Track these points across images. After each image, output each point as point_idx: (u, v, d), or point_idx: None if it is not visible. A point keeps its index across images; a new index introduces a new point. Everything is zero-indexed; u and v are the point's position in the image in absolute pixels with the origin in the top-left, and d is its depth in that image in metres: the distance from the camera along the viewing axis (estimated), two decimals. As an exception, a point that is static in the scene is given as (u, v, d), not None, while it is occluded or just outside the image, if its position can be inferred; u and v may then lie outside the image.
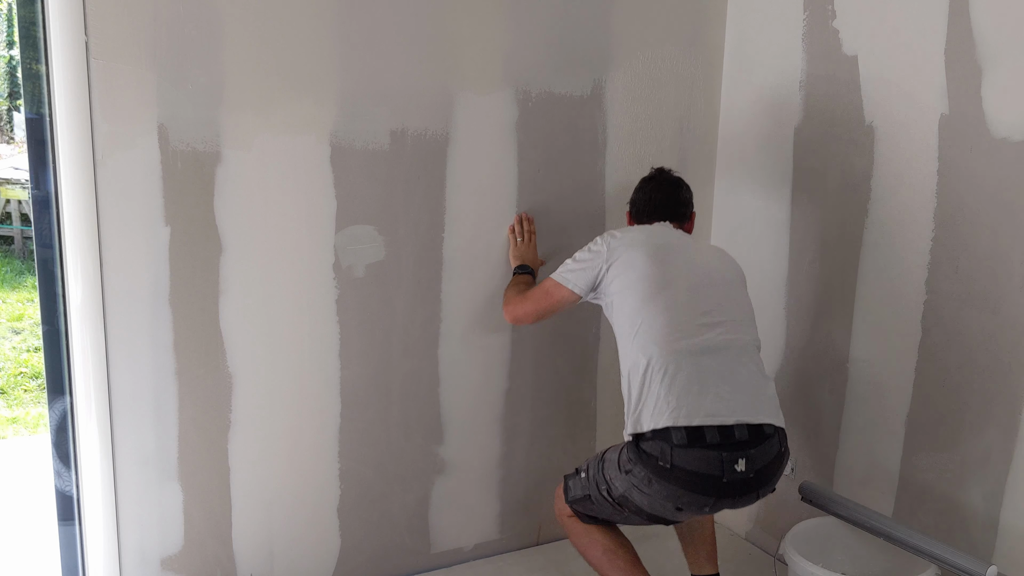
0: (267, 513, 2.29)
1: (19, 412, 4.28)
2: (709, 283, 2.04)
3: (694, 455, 1.84)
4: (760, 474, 1.88)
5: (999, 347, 2.00)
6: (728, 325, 1.97)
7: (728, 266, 2.14)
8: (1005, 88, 1.95)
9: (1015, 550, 2.00)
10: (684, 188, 2.26)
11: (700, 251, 2.15)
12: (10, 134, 8.72)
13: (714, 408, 1.86)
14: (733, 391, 1.89)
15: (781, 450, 1.94)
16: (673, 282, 2.00)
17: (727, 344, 1.95)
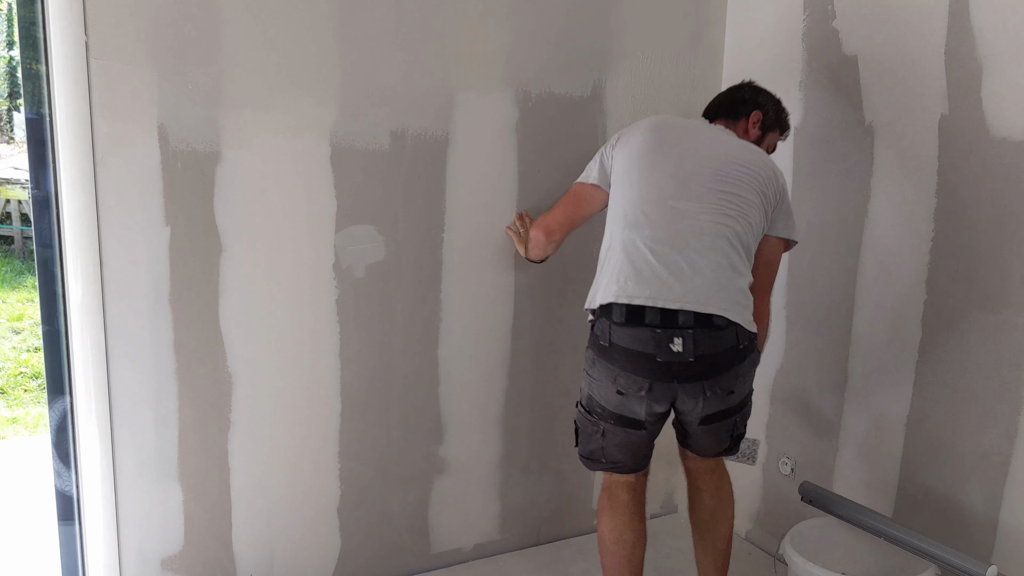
0: (267, 513, 2.29)
1: (19, 412, 4.28)
2: (704, 167, 1.93)
3: (630, 332, 1.84)
4: (704, 361, 1.82)
5: (999, 347, 2.00)
6: (705, 212, 1.88)
7: (749, 161, 1.96)
8: (1005, 88, 1.95)
9: (1015, 550, 2.00)
10: (747, 87, 2.19)
11: (720, 140, 2.01)
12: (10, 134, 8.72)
13: (659, 292, 1.83)
14: (686, 281, 1.83)
15: (739, 346, 1.86)
16: (661, 163, 1.94)
17: (697, 231, 1.86)
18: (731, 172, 1.94)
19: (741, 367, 1.89)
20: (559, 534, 2.75)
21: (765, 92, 2.19)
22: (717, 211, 1.89)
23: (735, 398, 1.94)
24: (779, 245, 2.06)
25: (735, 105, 2.16)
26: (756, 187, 1.95)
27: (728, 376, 1.88)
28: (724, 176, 1.93)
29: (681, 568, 2.56)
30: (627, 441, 1.98)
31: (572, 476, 2.71)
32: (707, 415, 1.93)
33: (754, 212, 1.94)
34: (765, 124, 2.16)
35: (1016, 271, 1.96)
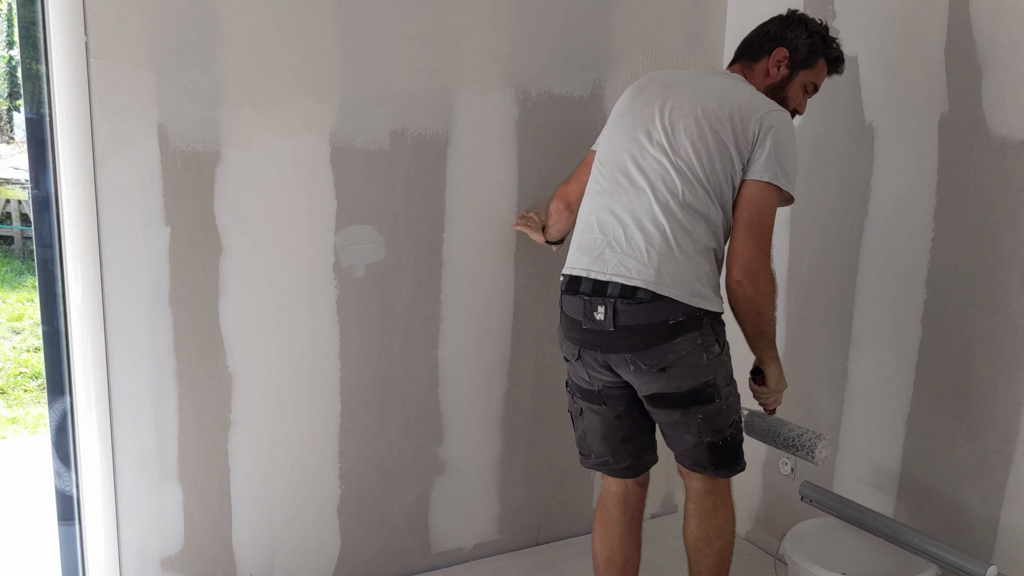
0: (267, 513, 2.29)
1: (19, 412, 4.27)
2: (676, 126, 1.81)
3: (568, 299, 1.88)
4: (625, 332, 1.76)
5: (999, 347, 2.00)
6: (660, 179, 1.78)
7: (726, 105, 1.80)
8: (1005, 88, 1.95)
9: (1015, 550, 2.00)
10: (776, 21, 1.98)
11: (705, 91, 1.85)
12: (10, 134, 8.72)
13: (594, 264, 1.82)
14: (619, 253, 1.78)
15: (669, 321, 1.73)
16: (629, 126, 1.87)
17: (646, 202, 1.78)
18: (701, 126, 1.79)
19: (674, 343, 1.74)
20: (559, 534, 2.75)
21: (798, 23, 1.95)
22: (674, 177, 1.77)
23: (675, 381, 1.78)
24: (758, 188, 1.79)
25: (755, 43, 1.97)
26: (727, 134, 1.78)
27: (655, 352, 1.75)
28: (692, 132, 1.79)
29: (681, 568, 2.56)
30: (599, 424, 1.96)
31: (572, 476, 2.71)
32: (651, 394, 1.83)
33: (721, 165, 1.78)
34: (793, 62, 1.93)
35: (1016, 271, 1.96)
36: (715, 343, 1.80)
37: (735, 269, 1.79)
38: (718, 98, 1.82)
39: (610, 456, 2.00)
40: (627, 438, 1.98)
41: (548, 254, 2.52)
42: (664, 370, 1.78)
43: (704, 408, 1.82)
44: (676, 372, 1.78)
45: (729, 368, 1.87)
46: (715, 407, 1.83)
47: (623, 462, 2.00)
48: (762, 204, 1.80)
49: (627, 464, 2.01)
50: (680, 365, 1.77)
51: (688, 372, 1.78)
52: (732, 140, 1.78)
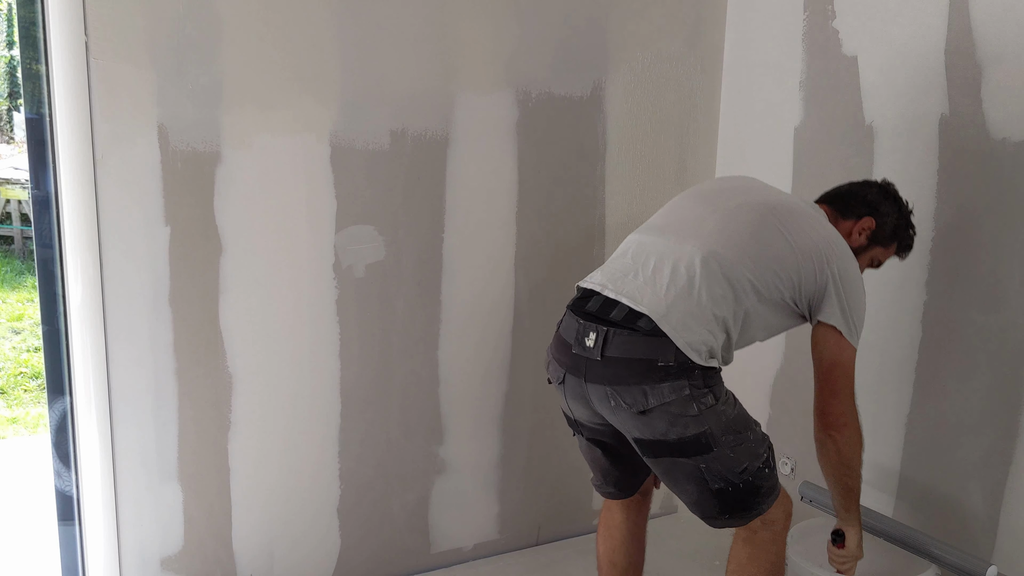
0: (267, 513, 2.29)
1: (19, 412, 4.27)
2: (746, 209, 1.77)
3: (568, 319, 1.79)
4: (610, 364, 1.66)
5: (999, 347, 2.00)
6: (710, 241, 1.72)
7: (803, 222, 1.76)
8: (1005, 88, 1.95)
9: (1015, 550, 2.00)
10: (876, 187, 1.93)
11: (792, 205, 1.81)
12: (10, 134, 8.72)
13: (610, 283, 1.74)
14: (640, 280, 1.71)
15: (658, 362, 1.63)
16: (704, 194, 1.89)
17: (684, 249, 1.72)
18: (777, 228, 1.73)
19: (657, 387, 1.63)
20: (559, 534, 2.75)
21: (893, 200, 1.91)
22: (727, 247, 1.71)
23: (659, 427, 1.66)
24: (837, 337, 1.75)
25: (850, 201, 1.91)
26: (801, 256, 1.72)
27: (637, 391, 1.64)
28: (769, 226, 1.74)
29: (681, 568, 2.56)
30: (584, 449, 1.95)
31: (572, 476, 2.71)
32: (637, 439, 1.71)
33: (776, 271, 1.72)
34: (876, 236, 1.90)
35: (1016, 271, 1.96)
36: (708, 394, 1.67)
37: (822, 424, 1.77)
38: (807, 220, 1.78)
39: (600, 480, 1.98)
40: (611, 468, 1.92)
41: (547, 254, 2.52)
42: (644, 413, 1.66)
43: (704, 457, 1.68)
44: (658, 417, 1.66)
45: (732, 417, 1.71)
46: (715, 455, 1.68)
47: (608, 487, 1.97)
48: (839, 357, 1.76)
49: (611, 491, 1.97)
50: (663, 412, 1.65)
51: (674, 419, 1.65)
52: (801, 264, 1.73)
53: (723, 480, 1.69)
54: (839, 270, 1.74)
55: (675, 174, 2.70)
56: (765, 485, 1.73)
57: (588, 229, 2.59)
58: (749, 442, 1.72)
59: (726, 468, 1.69)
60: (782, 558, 1.81)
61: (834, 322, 1.74)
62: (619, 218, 2.61)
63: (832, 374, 1.77)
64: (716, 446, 1.67)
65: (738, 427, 1.71)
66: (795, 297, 1.75)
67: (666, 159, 2.67)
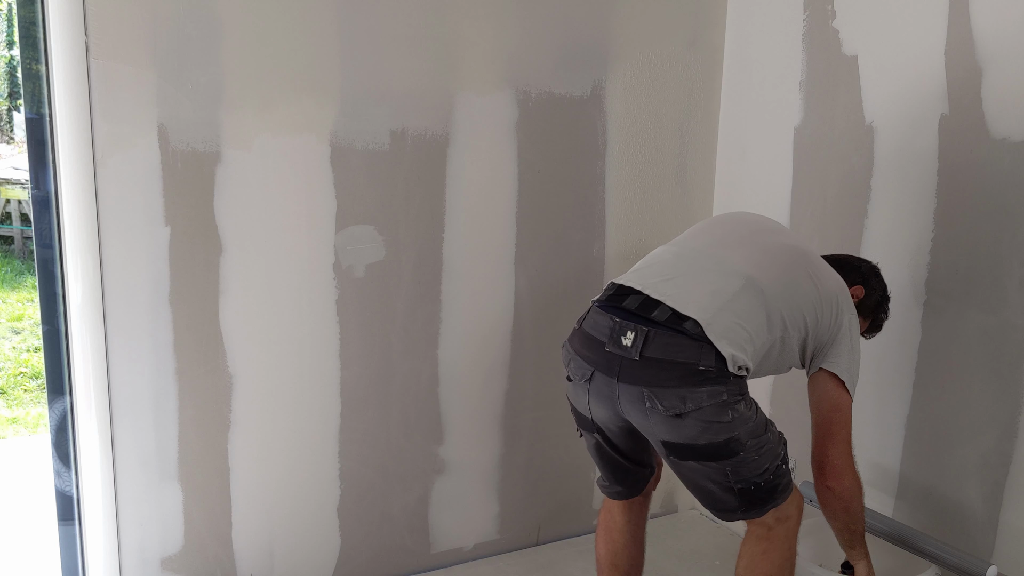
0: (267, 513, 2.29)
1: (19, 412, 4.28)
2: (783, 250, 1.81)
3: (596, 318, 1.74)
4: (649, 364, 1.64)
5: (999, 347, 2.00)
6: (750, 263, 1.74)
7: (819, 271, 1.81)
8: (1005, 88, 1.95)
9: (1015, 550, 2.00)
10: (868, 265, 2.02)
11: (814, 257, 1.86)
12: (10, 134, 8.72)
13: (650, 282, 1.72)
14: (684, 287, 1.70)
15: (699, 366, 1.62)
16: (720, 223, 1.93)
17: (724, 266, 1.74)
18: (805, 271, 1.77)
19: (696, 391, 1.63)
20: (559, 534, 2.75)
21: (881, 280, 2.02)
22: (766, 272, 1.73)
23: (691, 431, 1.65)
24: (836, 384, 1.81)
25: (846, 267, 1.96)
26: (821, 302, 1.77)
27: (676, 393, 1.63)
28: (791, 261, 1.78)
29: (681, 568, 2.56)
30: (592, 449, 1.93)
31: (572, 476, 2.71)
32: (666, 442, 1.69)
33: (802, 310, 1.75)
34: (863, 304, 1.97)
35: (1015, 272, 1.96)
36: (740, 401, 1.67)
37: (822, 475, 1.82)
38: (827, 271, 1.83)
39: (606, 481, 1.98)
40: (621, 467, 1.92)
41: (548, 254, 2.52)
42: (680, 416, 1.64)
43: (730, 461, 1.69)
44: (692, 423, 1.65)
45: (756, 422, 1.72)
46: (740, 458, 1.69)
47: (615, 487, 1.97)
48: (840, 403, 1.82)
49: (617, 490, 1.97)
50: (698, 417, 1.64)
51: (707, 426, 1.64)
52: (821, 312, 1.76)
53: (745, 481, 1.71)
54: (849, 321, 1.81)
55: (675, 174, 2.70)
56: (782, 482, 1.77)
57: (588, 228, 2.59)
58: (770, 443, 1.74)
59: (750, 471, 1.70)
60: (794, 553, 1.83)
61: (837, 371, 1.79)
62: (619, 217, 2.61)
63: (832, 419, 1.82)
64: (743, 451, 1.68)
65: (760, 430, 1.73)
66: (806, 340, 1.78)
67: (666, 159, 2.67)
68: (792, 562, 1.82)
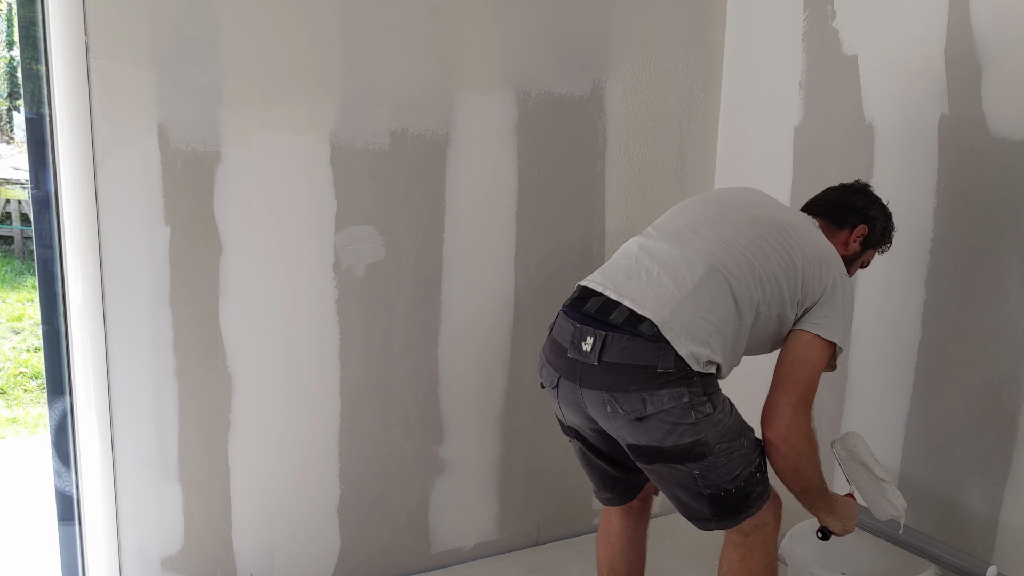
0: (267, 513, 2.29)
1: (19, 412, 4.28)
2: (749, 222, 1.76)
3: (561, 323, 1.74)
4: (608, 369, 1.63)
5: (999, 347, 2.00)
6: (716, 249, 1.70)
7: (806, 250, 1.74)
8: (1005, 88, 1.95)
9: (1015, 550, 2.00)
10: (862, 193, 1.93)
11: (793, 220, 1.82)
12: (10, 134, 8.72)
13: (611, 283, 1.70)
14: (643, 284, 1.67)
15: (658, 368, 1.60)
16: (694, 203, 1.86)
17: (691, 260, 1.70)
18: (780, 242, 1.73)
19: (656, 394, 1.61)
20: (558, 534, 2.75)
21: (879, 202, 1.94)
22: (733, 256, 1.70)
23: (655, 434, 1.63)
24: (812, 342, 1.72)
25: (843, 212, 1.91)
26: (800, 268, 1.72)
27: (634, 397, 1.62)
28: (769, 240, 1.73)
29: (681, 568, 2.56)
30: (580, 454, 1.91)
31: (572, 476, 2.71)
32: (631, 445, 1.69)
33: (778, 286, 1.71)
34: (868, 240, 1.92)
35: (1016, 271, 1.96)
36: (706, 402, 1.64)
37: (768, 428, 1.71)
38: (807, 235, 1.78)
39: (598, 487, 1.96)
40: (607, 473, 1.91)
41: (547, 254, 2.52)
42: (641, 420, 1.63)
43: (698, 464, 1.66)
44: (655, 425, 1.63)
45: (727, 426, 1.69)
46: (708, 462, 1.66)
47: (605, 493, 1.95)
48: (812, 361, 1.71)
49: (608, 496, 1.95)
50: (660, 419, 1.62)
51: (672, 428, 1.63)
52: (801, 278, 1.72)
53: (715, 487, 1.68)
54: (835, 284, 1.74)
55: (675, 173, 2.70)
56: (756, 490, 1.72)
57: (588, 228, 2.59)
58: (743, 449, 1.71)
59: (720, 476, 1.67)
60: (774, 559, 1.80)
61: (820, 332, 1.72)
62: (619, 217, 2.61)
63: (791, 371, 1.72)
64: (711, 454, 1.65)
65: (733, 435, 1.69)
66: (787, 310, 1.73)
67: (666, 158, 2.67)
68: (772, 567, 1.79)
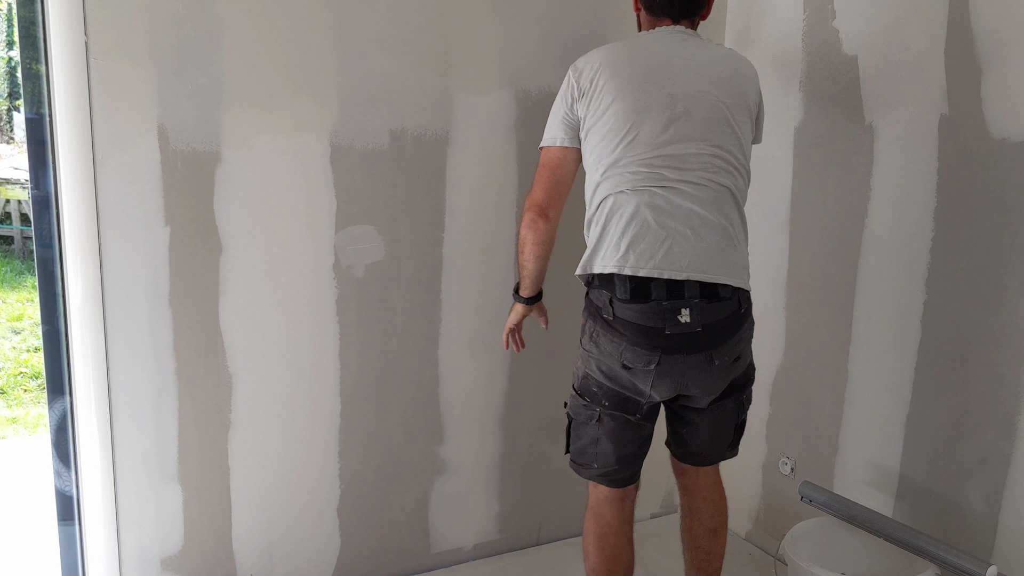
0: (267, 513, 2.29)
1: (19, 412, 4.28)
2: (695, 112, 1.77)
3: (636, 308, 1.75)
4: (710, 330, 1.76)
5: (999, 347, 2.00)
6: (703, 169, 1.75)
7: (728, 84, 1.81)
8: (1005, 88, 1.95)
9: (1015, 550, 2.00)
10: None
11: (698, 66, 1.81)
12: (10, 134, 8.72)
13: (663, 262, 1.74)
14: (690, 249, 1.74)
15: (740, 310, 1.81)
16: (649, 112, 1.76)
17: (696, 193, 1.75)
18: (718, 104, 1.77)
19: (743, 330, 1.85)
20: (559, 534, 2.75)
21: None
22: (714, 166, 1.77)
23: (741, 365, 1.88)
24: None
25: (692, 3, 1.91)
26: (747, 110, 1.84)
27: (733, 342, 1.82)
28: (718, 117, 1.78)
29: (681, 569, 2.56)
30: (620, 432, 1.90)
31: (572, 476, 2.70)
32: (721, 391, 1.87)
33: (748, 144, 1.88)
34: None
35: (1016, 271, 1.96)
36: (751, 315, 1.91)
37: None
38: (724, 67, 1.86)
39: (617, 465, 1.95)
40: (639, 450, 1.96)
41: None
42: (738, 359, 1.85)
43: (748, 387, 1.93)
44: (744, 357, 1.88)
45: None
46: (752, 383, 1.95)
47: (626, 471, 1.96)
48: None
49: (629, 474, 1.97)
50: (745, 348, 1.88)
51: (748, 353, 1.90)
52: (751, 113, 1.89)
53: (744, 409, 1.95)
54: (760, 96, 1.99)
55: (675, 174, 2.70)
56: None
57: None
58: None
59: (749, 395, 1.96)
60: None
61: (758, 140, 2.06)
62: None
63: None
64: (752, 368, 1.95)
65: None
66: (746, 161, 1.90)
67: (666, 159, 2.67)
68: None
